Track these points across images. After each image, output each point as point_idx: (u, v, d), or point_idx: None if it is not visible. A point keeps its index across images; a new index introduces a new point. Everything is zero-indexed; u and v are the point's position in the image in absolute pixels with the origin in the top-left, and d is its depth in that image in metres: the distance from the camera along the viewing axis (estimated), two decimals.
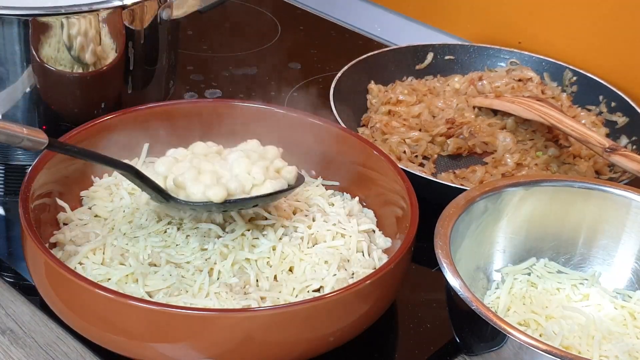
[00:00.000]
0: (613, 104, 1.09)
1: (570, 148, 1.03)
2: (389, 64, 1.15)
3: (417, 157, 1.01)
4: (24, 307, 0.80)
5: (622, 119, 1.07)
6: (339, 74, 1.08)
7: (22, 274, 0.82)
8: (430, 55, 1.17)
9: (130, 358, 0.72)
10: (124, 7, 0.90)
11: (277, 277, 0.75)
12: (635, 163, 0.88)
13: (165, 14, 0.96)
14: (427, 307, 0.83)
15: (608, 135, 1.06)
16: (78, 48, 0.89)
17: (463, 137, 1.03)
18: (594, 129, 1.04)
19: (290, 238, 0.79)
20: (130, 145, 0.87)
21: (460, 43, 1.20)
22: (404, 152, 1.01)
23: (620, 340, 0.73)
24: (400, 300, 0.83)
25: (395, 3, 1.34)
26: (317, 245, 0.79)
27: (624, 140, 1.05)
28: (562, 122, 0.97)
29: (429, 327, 0.81)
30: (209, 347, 0.67)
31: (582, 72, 1.13)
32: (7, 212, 0.91)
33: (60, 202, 0.82)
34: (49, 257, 0.69)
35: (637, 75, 1.12)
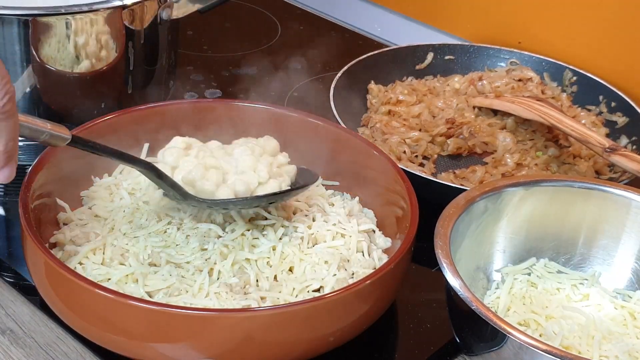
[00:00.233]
0: (613, 104, 1.09)
1: (570, 148, 1.03)
2: (389, 64, 1.14)
3: (417, 157, 1.01)
4: (24, 307, 0.80)
5: (622, 119, 1.07)
6: (339, 74, 1.08)
7: (22, 274, 0.82)
8: (430, 55, 1.17)
9: (130, 358, 0.72)
10: (124, 7, 0.90)
11: (277, 277, 0.75)
12: (635, 163, 0.88)
13: (165, 14, 0.96)
14: (427, 307, 0.83)
15: (608, 135, 1.06)
16: (78, 48, 0.89)
17: (463, 137, 1.03)
18: (594, 129, 1.03)
19: (290, 238, 0.79)
20: (130, 145, 0.87)
21: (460, 43, 1.20)
22: (404, 152, 1.00)
23: (620, 340, 0.73)
24: (400, 300, 0.82)
25: (395, 3, 1.34)
26: (317, 245, 0.79)
27: (624, 140, 1.05)
28: (562, 122, 0.97)
29: (429, 327, 0.81)
30: (209, 347, 0.67)
31: (582, 72, 1.13)
32: (7, 212, 0.91)
33: (60, 202, 0.82)
34: (49, 257, 0.69)
35: (637, 75, 1.12)
